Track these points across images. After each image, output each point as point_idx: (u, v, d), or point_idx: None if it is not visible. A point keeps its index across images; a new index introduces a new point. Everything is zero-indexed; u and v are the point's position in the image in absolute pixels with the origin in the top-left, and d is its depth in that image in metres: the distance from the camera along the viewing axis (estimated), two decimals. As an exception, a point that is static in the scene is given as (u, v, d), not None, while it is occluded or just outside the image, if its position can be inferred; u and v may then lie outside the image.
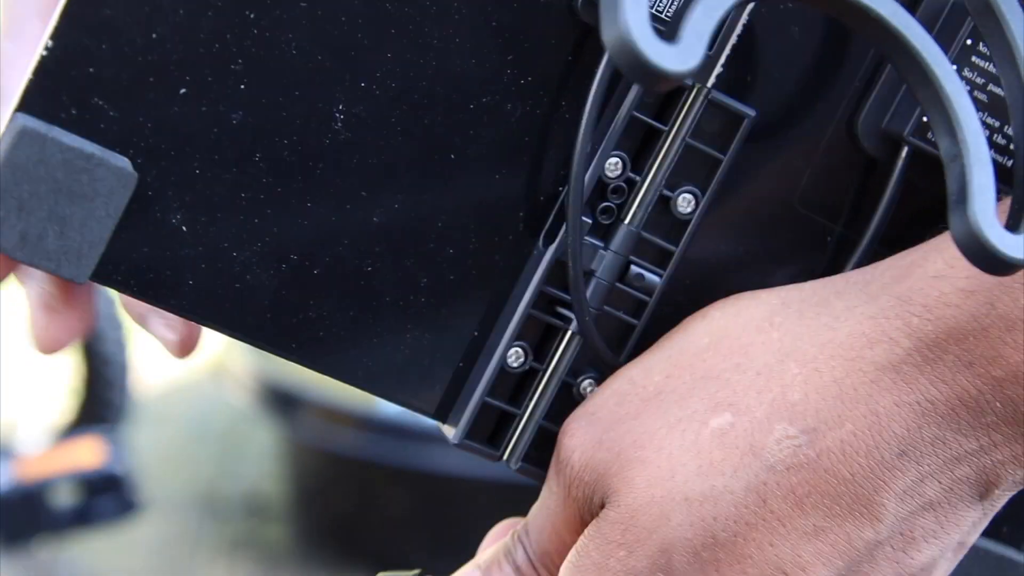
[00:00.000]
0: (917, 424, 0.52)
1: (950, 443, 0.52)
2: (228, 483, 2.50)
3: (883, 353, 0.52)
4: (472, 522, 2.41)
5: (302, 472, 2.28)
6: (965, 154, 0.50)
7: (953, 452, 0.52)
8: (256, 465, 2.56)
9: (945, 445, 0.52)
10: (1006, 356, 0.51)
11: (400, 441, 2.10)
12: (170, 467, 2.56)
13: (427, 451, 2.09)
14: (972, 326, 0.51)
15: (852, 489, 0.52)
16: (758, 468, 0.52)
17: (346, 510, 2.23)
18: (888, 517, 0.53)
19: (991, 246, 0.48)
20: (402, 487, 2.16)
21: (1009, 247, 0.48)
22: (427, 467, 2.10)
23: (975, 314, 0.51)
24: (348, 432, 2.13)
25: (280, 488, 2.39)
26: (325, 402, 2.16)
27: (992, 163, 0.49)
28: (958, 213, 0.49)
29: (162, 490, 2.48)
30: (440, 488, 2.14)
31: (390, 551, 2.20)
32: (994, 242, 0.48)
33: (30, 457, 2.05)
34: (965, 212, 0.49)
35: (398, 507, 2.17)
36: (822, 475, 0.52)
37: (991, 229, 0.48)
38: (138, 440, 2.65)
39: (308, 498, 2.29)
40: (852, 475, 0.52)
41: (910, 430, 0.52)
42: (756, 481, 0.52)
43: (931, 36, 0.51)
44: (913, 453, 0.52)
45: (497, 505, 2.36)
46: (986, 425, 0.52)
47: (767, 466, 0.52)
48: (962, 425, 0.52)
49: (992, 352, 0.51)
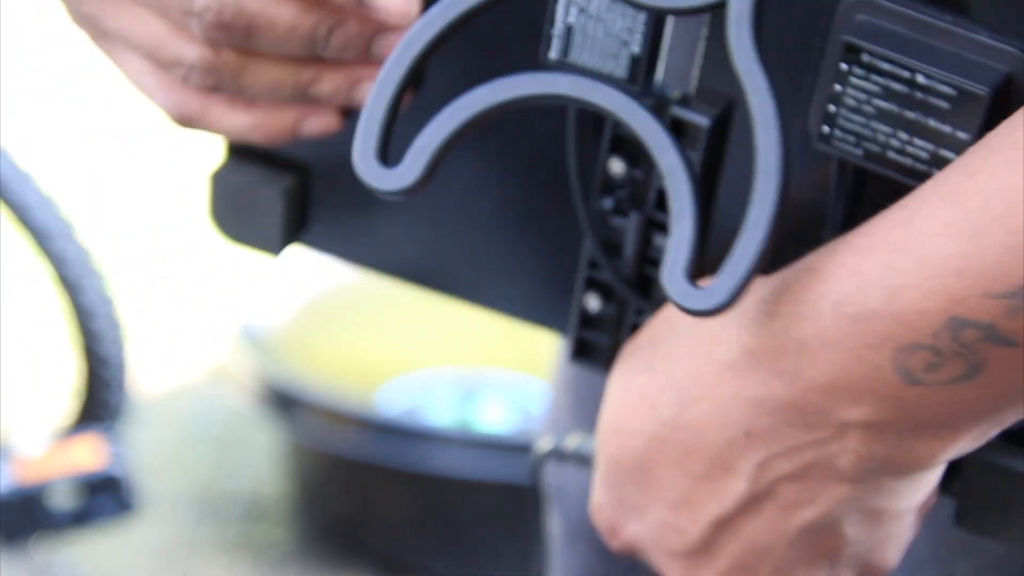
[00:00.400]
0: (754, 414, 0.62)
1: (785, 433, 0.62)
2: (228, 484, 2.50)
3: (724, 353, 0.63)
4: (472, 522, 2.42)
5: (302, 472, 2.28)
6: (670, 209, 0.60)
7: (792, 441, 0.62)
8: (256, 466, 2.56)
9: (781, 434, 0.62)
10: (804, 372, 0.61)
11: (400, 441, 2.09)
12: (170, 468, 2.55)
13: (427, 451, 2.08)
14: (774, 344, 0.61)
15: (720, 452, 0.64)
16: (656, 421, 0.65)
17: (346, 510, 2.22)
18: (749, 482, 0.64)
19: (673, 298, 0.59)
20: (402, 487, 2.16)
21: (689, 299, 0.59)
22: (427, 467, 2.09)
23: (776, 335, 0.61)
24: (348, 432, 2.12)
25: (280, 489, 2.38)
26: (325, 402, 2.15)
27: (695, 218, 0.59)
28: (663, 263, 0.59)
29: (162, 491, 2.48)
30: (440, 489, 2.14)
31: (390, 552, 2.19)
32: (677, 295, 0.59)
33: (29, 458, 2.04)
34: (663, 264, 0.59)
35: (398, 508, 2.16)
36: (697, 436, 0.64)
37: (674, 284, 0.59)
38: (138, 440, 2.64)
39: (308, 498, 2.28)
40: (715, 442, 0.64)
41: (748, 418, 0.63)
42: (657, 430, 0.65)
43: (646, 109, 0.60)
44: (758, 435, 0.63)
45: (497, 505, 2.37)
46: (810, 424, 0.62)
47: (661, 421, 0.65)
48: (792, 420, 0.62)
49: (793, 368, 0.61)
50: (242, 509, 2.42)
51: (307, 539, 2.31)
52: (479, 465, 2.07)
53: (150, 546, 2.32)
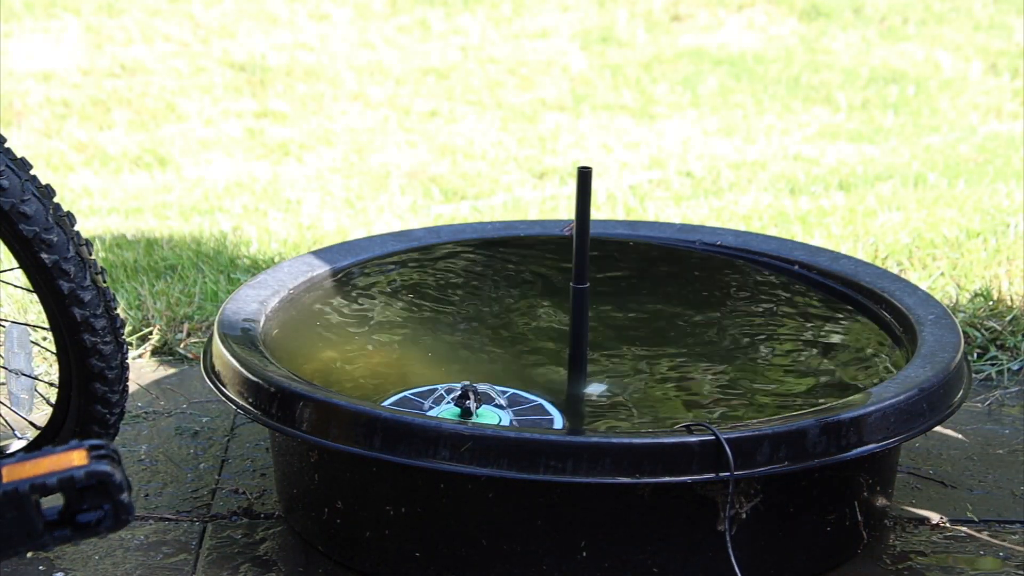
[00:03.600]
0: None
1: None
2: (226, 484, 2.49)
3: None
4: (473, 523, 2.40)
5: (301, 472, 2.26)
6: None
7: None
8: (255, 466, 2.55)
9: None
10: None
11: (403, 442, 2.08)
12: (168, 468, 2.54)
13: (427, 451, 2.07)
14: None
15: None
16: None
17: (346, 510, 2.21)
18: None
19: None
20: (402, 487, 2.15)
21: None
22: (427, 467, 2.08)
23: None
24: (348, 432, 2.11)
25: (279, 489, 2.37)
26: (325, 402, 2.14)
27: None
28: None
29: (158, 492, 2.47)
30: (441, 489, 2.13)
31: (390, 552, 2.18)
32: None
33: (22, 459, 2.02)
34: None
35: (398, 507, 2.15)
36: None
37: None
38: (135, 441, 2.63)
39: (307, 498, 2.27)
40: None
41: None
42: None
43: None
44: None
45: (498, 505, 2.35)
46: None
47: None
48: None
49: None
50: (240, 509, 2.41)
51: (306, 538, 2.30)
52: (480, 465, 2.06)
53: (146, 547, 2.31)
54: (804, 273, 2.65)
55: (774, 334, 2.49)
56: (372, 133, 4.85)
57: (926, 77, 5.40)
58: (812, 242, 3.37)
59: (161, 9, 6.03)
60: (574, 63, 5.53)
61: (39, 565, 2.27)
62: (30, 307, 3.04)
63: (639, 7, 6.10)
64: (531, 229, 2.82)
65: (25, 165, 2.17)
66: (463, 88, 5.27)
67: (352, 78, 5.35)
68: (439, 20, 5.98)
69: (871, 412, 2.14)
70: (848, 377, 2.35)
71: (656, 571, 2.13)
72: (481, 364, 2.41)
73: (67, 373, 2.26)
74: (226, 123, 4.95)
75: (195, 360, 2.92)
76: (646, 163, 4.55)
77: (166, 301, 3.09)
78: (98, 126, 4.92)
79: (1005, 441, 2.64)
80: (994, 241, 3.39)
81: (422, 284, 2.64)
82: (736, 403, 2.28)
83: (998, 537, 2.35)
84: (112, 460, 1.47)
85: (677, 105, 5.11)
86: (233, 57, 5.55)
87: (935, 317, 2.42)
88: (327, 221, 3.82)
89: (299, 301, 2.55)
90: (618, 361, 2.41)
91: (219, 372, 2.30)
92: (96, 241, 3.56)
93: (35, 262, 2.16)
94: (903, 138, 4.77)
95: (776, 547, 2.18)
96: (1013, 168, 4.31)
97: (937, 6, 6.14)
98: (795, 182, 4.24)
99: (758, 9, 6.08)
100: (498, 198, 4.21)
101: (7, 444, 2.45)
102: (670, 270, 2.71)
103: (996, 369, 2.88)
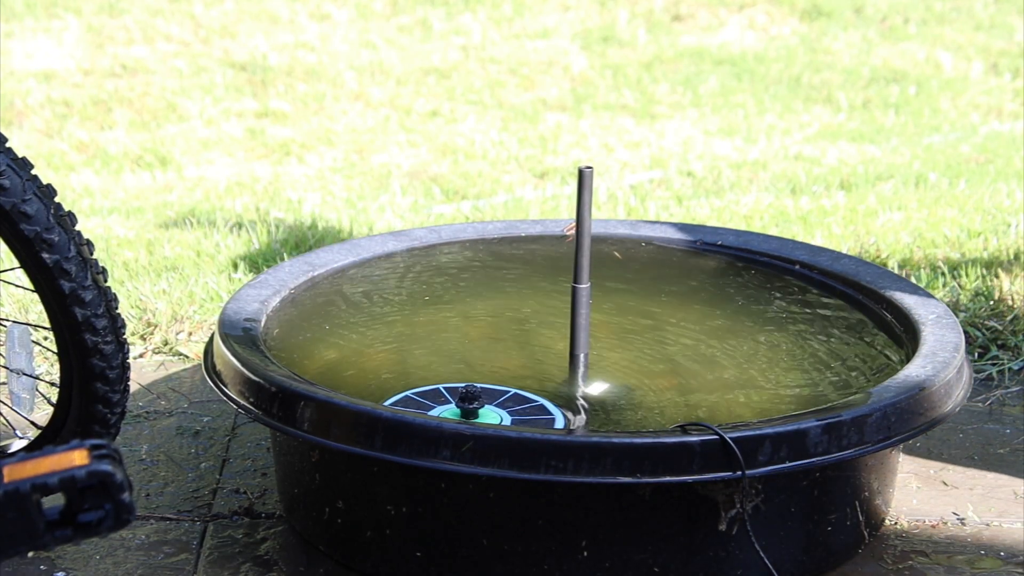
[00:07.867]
0: None
1: None
2: (227, 484, 2.49)
3: None
4: (474, 523, 2.40)
5: (302, 472, 2.26)
6: None
7: None
8: (256, 465, 2.55)
9: None
10: None
11: (404, 441, 2.08)
12: (169, 468, 2.54)
13: (428, 451, 2.07)
14: None
15: None
16: None
17: (347, 510, 2.21)
18: None
19: None
20: (403, 487, 2.15)
21: None
22: (428, 467, 2.08)
23: None
24: (349, 432, 2.11)
25: (280, 488, 2.37)
26: (326, 402, 2.14)
27: None
28: None
29: (160, 491, 2.47)
30: (442, 489, 2.13)
31: (391, 552, 2.18)
32: None
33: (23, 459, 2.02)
34: None
35: (399, 507, 2.15)
36: None
37: None
38: (136, 441, 2.63)
39: (308, 498, 2.27)
40: None
41: None
42: None
43: None
44: None
45: (499, 505, 2.34)
46: None
47: None
48: None
49: None
50: (241, 509, 2.41)
51: (306, 538, 2.30)
52: (480, 465, 2.06)
53: (147, 547, 2.31)
54: (805, 273, 2.65)
55: (775, 334, 2.49)
56: (373, 133, 4.85)
57: (927, 77, 5.40)
58: (813, 242, 3.37)
59: (162, 9, 6.03)
60: (575, 63, 5.54)
61: (40, 565, 2.27)
62: (31, 307, 3.04)
63: (640, 7, 6.10)
64: (532, 229, 2.83)
65: (26, 165, 2.17)
66: (464, 88, 5.27)
67: (353, 78, 5.35)
68: (440, 20, 5.98)
69: (871, 412, 2.14)
70: (849, 377, 2.35)
71: (657, 571, 2.13)
72: (482, 364, 2.41)
73: (68, 373, 2.26)
74: (227, 123, 4.95)
75: (196, 360, 2.92)
76: (647, 163, 4.55)
77: (167, 301, 3.10)
78: (99, 126, 4.93)
79: (1006, 441, 2.64)
80: (995, 241, 3.39)
81: (422, 284, 2.64)
82: (737, 403, 2.28)
83: (999, 537, 2.35)
84: (113, 460, 1.46)
85: (678, 105, 5.11)
86: (234, 57, 5.55)
87: (936, 317, 2.42)
88: (328, 221, 3.83)
89: (300, 301, 2.55)
90: (619, 361, 2.41)
91: (220, 372, 2.30)
92: (97, 241, 3.56)
93: (36, 262, 2.16)
94: (904, 138, 4.77)
95: (777, 547, 2.18)
96: (1014, 168, 4.32)
97: (938, 6, 6.14)
98: (796, 182, 4.24)
99: (759, 9, 6.08)
100: (499, 198, 4.21)
101: (8, 444, 2.45)
102: (671, 270, 2.71)
103: (997, 369, 2.88)
